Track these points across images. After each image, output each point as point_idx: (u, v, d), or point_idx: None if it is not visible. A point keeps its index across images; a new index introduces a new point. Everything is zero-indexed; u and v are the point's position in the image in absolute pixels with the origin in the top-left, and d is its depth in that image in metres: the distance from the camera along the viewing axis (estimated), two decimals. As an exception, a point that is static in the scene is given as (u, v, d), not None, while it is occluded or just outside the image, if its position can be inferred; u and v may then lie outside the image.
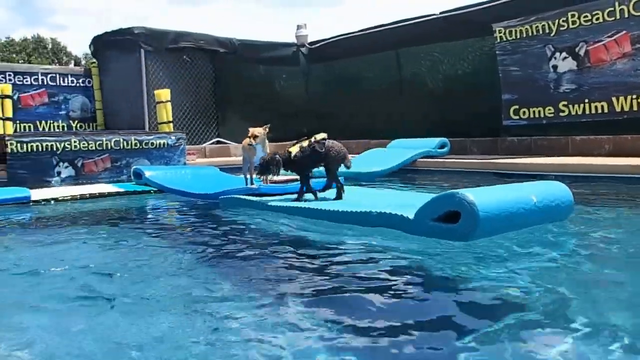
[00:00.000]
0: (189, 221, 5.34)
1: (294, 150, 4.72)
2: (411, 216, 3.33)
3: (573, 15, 7.94)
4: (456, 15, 9.92)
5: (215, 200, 5.63)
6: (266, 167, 4.79)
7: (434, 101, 10.34)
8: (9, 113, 9.02)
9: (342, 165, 4.73)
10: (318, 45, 13.07)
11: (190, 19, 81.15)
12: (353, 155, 9.58)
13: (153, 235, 4.43)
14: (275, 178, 5.20)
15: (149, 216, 5.86)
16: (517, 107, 8.79)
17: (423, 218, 3.23)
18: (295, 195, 4.87)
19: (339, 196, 4.67)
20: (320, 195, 4.85)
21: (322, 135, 4.75)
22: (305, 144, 4.74)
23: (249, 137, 5.43)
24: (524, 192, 3.29)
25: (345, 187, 4.76)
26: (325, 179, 4.94)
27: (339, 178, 4.81)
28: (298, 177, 4.91)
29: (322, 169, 4.80)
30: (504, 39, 8.83)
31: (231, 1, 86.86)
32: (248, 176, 5.76)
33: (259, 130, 5.46)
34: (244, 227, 4.53)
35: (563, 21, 8.08)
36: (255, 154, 5.59)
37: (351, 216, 3.94)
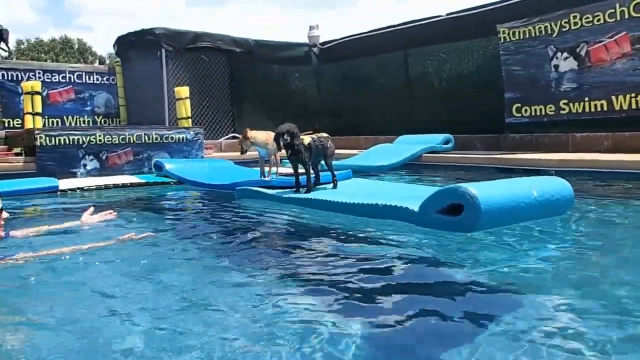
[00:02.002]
0: (205, 210, 5.37)
1: (307, 139, 4.75)
2: (416, 208, 3.32)
3: (575, 17, 7.83)
4: (462, 16, 9.84)
5: (231, 190, 5.66)
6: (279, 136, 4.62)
7: (440, 99, 10.28)
8: (39, 108, 9.12)
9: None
10: (329, 45, 13.01)
11: (210, 20, 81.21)
12: (361, 150, 9.65)
13: (171, 221, 4.46)
14: (285, 171, 5.24)
15: (169, 205, 5.90)
16: (519, 105, 8.70)
17: (428, 210, 3.21)
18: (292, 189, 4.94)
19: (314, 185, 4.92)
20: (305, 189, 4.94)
21: (325, 134, 5.02)
22: (314, 136, 4.82)
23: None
24: (525, 186, 3.25)
25: (353, 180, 4.77)
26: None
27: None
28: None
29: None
30: (508, 40, 8.73)
31: (244, 3, 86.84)
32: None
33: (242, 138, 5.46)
34: (256, 216, 4.54)
35: (565, 22, 7.97)
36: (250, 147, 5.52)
37: (359, 208, 3.94)
